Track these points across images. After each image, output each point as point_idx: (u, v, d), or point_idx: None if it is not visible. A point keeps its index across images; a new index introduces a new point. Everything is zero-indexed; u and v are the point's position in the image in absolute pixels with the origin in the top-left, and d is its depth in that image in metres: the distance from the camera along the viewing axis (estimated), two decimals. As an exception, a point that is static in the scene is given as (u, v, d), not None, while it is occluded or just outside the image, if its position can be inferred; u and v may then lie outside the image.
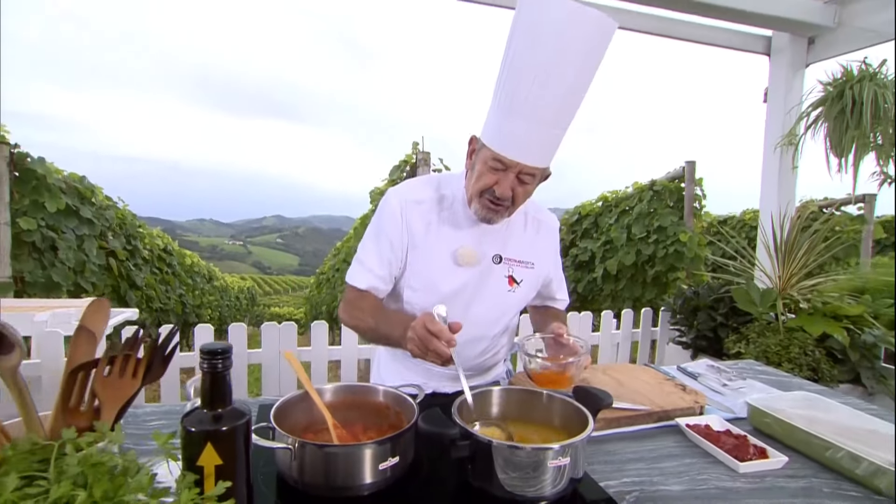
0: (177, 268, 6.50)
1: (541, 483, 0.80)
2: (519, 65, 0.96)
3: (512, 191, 1.09)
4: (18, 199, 3.08)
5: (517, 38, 0.97)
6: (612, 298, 5.34)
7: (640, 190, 5.01)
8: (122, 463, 0.49)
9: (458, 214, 1.20)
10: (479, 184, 1.10)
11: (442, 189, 1.22)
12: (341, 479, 0.80)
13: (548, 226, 1.32)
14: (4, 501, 0.40)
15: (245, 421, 0.53)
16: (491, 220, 1.16)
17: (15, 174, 3.13)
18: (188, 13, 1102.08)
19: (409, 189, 1.20)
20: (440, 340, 0.94)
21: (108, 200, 4.31)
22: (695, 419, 1.10)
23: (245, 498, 0.54)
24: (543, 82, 0.95)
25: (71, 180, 3.57)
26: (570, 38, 0.93)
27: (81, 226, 3.53)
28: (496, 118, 1.03)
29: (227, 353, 0.53)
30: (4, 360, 0.49)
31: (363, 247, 1.22)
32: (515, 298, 1.27)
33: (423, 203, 1.18)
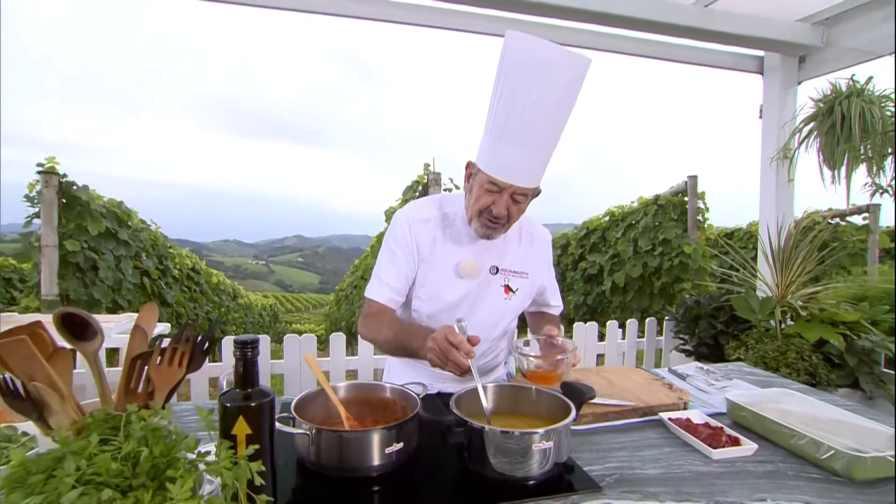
0: (204, 286, 6.71)
1: (528, 465, 0.88)
2: (508, 99, 1.07)
3: (507, 209, 1.19)
4: (65, 224, 3.29)
5: (505, 75, 1.08)
6: (620, 310, 5.36)
7: (645, 204, 5.07)
8: (173, 431, 0.60)
9: (459, 231, 1.31)
10: (478, 204, 1.20)
11: (445, 208, 1.33)
12: (352, 461, 0.90)
13: (541, 239, 1.41)
14: (90, 454, 0.51)
15: (270, 399, 0.64)
16: (490, 237, 1.26)
17: (63, 201, 3.34)
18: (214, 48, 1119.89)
19: (415, 209, 1.31)
20: (460, 351, 1.03)
21: (142, 223, 4.53)
22: (677, 413, 1.16)
23: (270, 462, 0.64)
24: (530, 114, 1.07)
25: (110, 205, 3.80)
26: (551, 76, 1.04)
27: (119, 247, 3.74)
28: (489, 145, 1.14)
29: (256, 344, 0.63)
30: (88, 345, 0.60)
31: (379, 264, 1.32)
32: (512, 305, 1.36)
33: (428, 221, 1.29)
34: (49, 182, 3.17)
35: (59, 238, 3.17)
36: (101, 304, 3.39)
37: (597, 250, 5.97)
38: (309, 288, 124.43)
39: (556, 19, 3.01)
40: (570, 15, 2.84)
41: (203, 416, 0.62)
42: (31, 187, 3.24)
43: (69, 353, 0.60)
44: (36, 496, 0.48)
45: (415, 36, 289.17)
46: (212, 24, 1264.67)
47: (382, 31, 59.38)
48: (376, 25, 3.05)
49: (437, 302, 1.29)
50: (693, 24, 2.94)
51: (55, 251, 3.15)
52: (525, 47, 1.04)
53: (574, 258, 6.43)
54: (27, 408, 0.56)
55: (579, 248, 6.34)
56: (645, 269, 4.79)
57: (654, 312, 4.64)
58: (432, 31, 3.09)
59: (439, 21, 2.98)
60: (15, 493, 0.48)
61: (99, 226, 3.43)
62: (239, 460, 0.56)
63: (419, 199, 1.36)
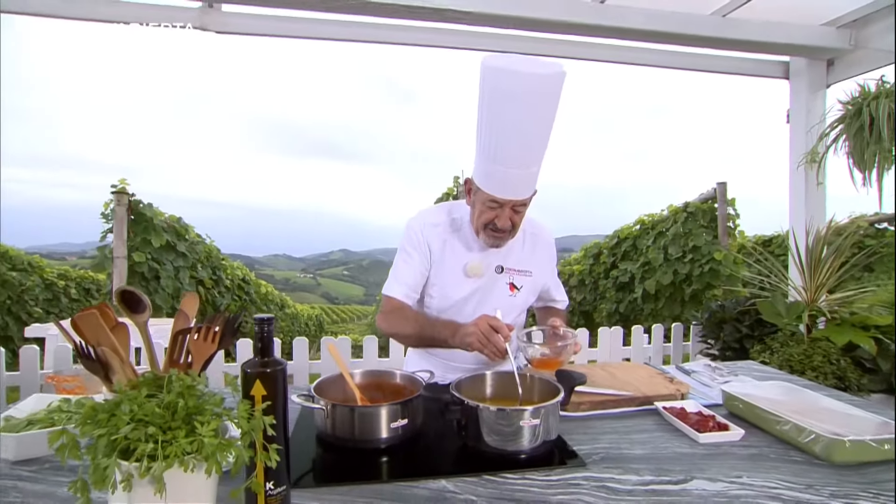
0: (253, 296, 7.07)
1: (519, 441, 0.95)
2: (494, 124, 1.16)
3: (510, 220, 1.28)
4: (132, 238, 3.62)
5: (488, 101, 1.15)
6: (652, 317, 5.25)
7: (675, 212, 4.98)
8: (205, 392, 0.72)
9: (466, 235, 1.40)
10: (482, 220, 1.30)
11: (453, 214, 1.43)
12: (362, 433, 1.00)
13: (543, 240, 1.48)
14: (140, 402, 0.64)
15: (282, 367, 0.74)
16: (498, 246, 1.35)
17: (131, 217, 3.68)
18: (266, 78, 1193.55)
19: (426, 215, 1.42)
20: (499, 336, 1.13)
21: (197, 237, 4.88)
22: (672, 403, 1.20)
23: (282, 420, 0.75)
24: (517, 135, 1.15)
25: (170, 221, 4.14)
26: (532, 94, 1.11)
27: (178, 258, 4.06)
28: (483, 166, 1.23)
29: (272, 321, 0.75)
30: (139, 316, 0.73)
31: (395, 266, 1.43)
32: (517, 301, 1.43)
33: (438, 225, 1.40)
34: (120, 200, 3.52)
35: (128, 250, 3.49)
36: (161, 310, 3.69)
37: (628, 258, 5.88)
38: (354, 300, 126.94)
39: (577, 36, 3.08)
40: (590, 31, 2.90)
41: (229, 381, 0.74)
42: (107, 206, 3.60)
43: (127, 326, 0.73)
44: (101, 428, 0.61)
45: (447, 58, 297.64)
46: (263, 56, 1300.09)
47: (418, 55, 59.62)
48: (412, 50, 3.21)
49: (447, 299, 1.39)
50: (715, 35, 2.93)
51: (125, 262, 3.47)
52: (502, 72, 1.10)
53: (606, 267, 6.35)
54: (96, 367, 0.70)
55: (611, 257, 6.26)
56: (675, 277, 4.69)
57: (686, 320, 4.53)
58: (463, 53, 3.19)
59: (469, 43, 3.09)
60: (87, 426, 0.61)
61: (161, 239, 3.75)
62: (255, 414, 0.67)
63: (430, 207, 1.47)
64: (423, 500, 0.81)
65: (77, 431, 0.61)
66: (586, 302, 6.90)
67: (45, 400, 1.04)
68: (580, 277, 7.05)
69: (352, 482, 0.86)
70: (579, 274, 7.07)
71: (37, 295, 6.03)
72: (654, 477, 0.88)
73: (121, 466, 0.60)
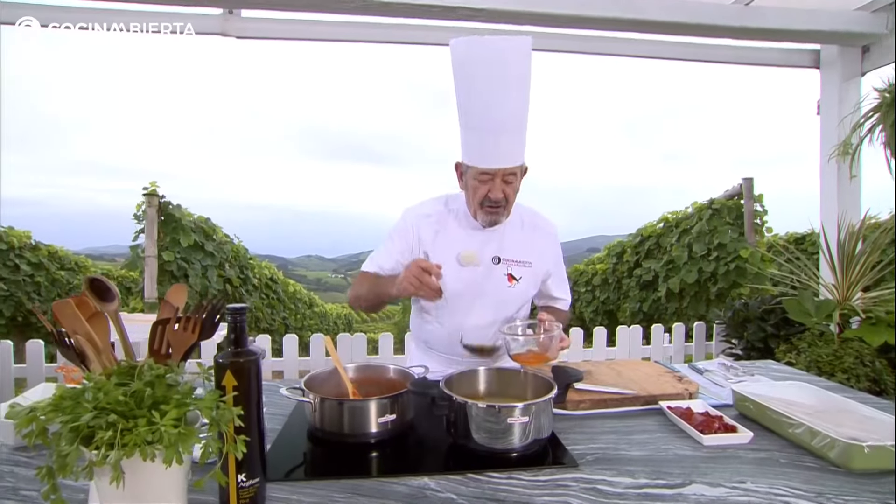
0: (281, 294, 7.21)
1: (509, 439, 0.90)
2: (469, 96, 1.17)
3: (503, 192, 1.25)
4: (162, 237, 3.73)
5: (461, 77, 1.17)
6: (677, 316, 5.06)
7: (700, 209, 4.78)
8: (178, 381, 0.71)
9: (462, 224, 1.36)
10: (476, 196, 1.27)
11: (449, 204, 1.40)
12: (350, 428, 0.97)
13: (544, 231, 1.43)
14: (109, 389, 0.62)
15: (255, 358, 0.72)
16: (495, 222, 1.32)
17: (161, 218, 3.80)
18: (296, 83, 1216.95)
19: (420, 206, 1.41)
20: (430, 275, 1.13)
21: (226, 238, 5.00)
22: (678, 402, 1.12)
23: (255, 411, 0.72)
24: (492, 101, 1.15)
25: (199, 221, 4.25)
26: (499, 63, 1.13)
27: (206, 258, 4.16)
28: (467, 139, 1.23)
29: (244, 311, 0.73)
30: (108, 305, 0.73)
31: (377, 249, 1.43)
32: (516, 293, 1.38)
33: (430, 216, 1.37)
34: (151, 202, 3.63)
35: (158, 250, 3.60)
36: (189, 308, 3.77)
37: (652, 257, 5.69)
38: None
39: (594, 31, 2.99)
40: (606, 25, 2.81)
41: (202, 371, 0.72)
42: (139, 207, 3.73)
43: (105, 316, 0.73)
44: (66, 415, 0.60)
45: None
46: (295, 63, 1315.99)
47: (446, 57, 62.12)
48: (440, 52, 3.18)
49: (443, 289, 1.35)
50: (738, 24, 2.78)
51: (155, 261, 3.58)
52: (469, 48, 1.15)
53: (629, 265, 6.17)
54: (72, 355, 0.69)
55: (634, 256, 6.07)
56: (700, 275, 4.50)
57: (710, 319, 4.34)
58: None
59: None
60: (51, 413, 0.60)
61: (189, 239, 3.86)
62: (220, 403, 0.65)
63: (428, 198, 1.43)
64: (401, 496, 0.78)
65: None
66: (609, 301, 6.73)
67: (53, 389, 1.06)
68: (603, 276, 6.87)
69: (334, 477, 0.84)
70: (602, 273, 6.89)
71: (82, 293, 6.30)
72: (650, 480, 0.82)
73: (83, 454, 0.59)
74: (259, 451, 0.74)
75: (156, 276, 3.59)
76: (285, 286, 7.90)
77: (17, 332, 5.36)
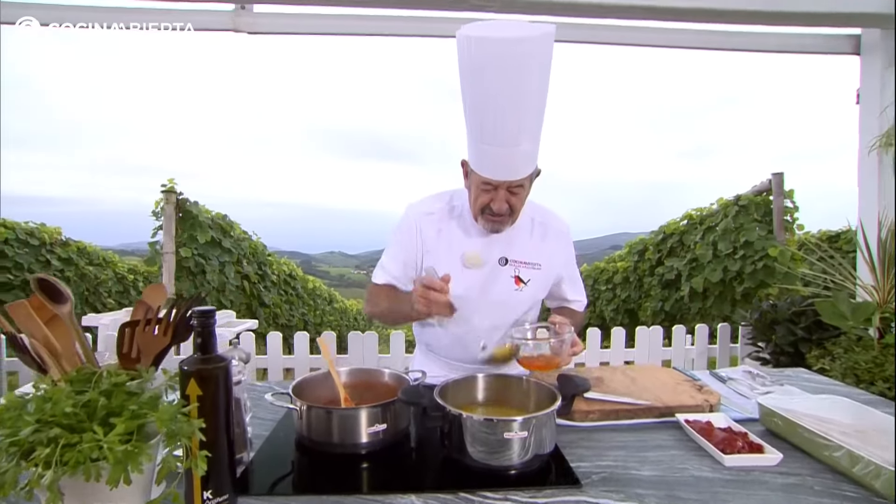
0: (300, 290, 7.25)
1: (507, 454, 0.82)
2: (479, 100, 1.02)
3: (507, 203, 1.15)
4: (180, 234, 3.76)
5: (470, 76, 1.02)
6: (700, 316, 4.86)
7: (725, 206, 4.57)
8: (144, 388, 0.65)
9: (466, 223, 1.28)
10: (478, 204, 1.18)
11: (453, 201, 1.31)
12: (338, 437, 0.90)
13: (556, 230, 1.33)
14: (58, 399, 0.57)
15: (223, 365, 0.66)
16: (498, 231, 1.22)
17: (179, 215, 3.83)
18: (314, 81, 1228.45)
19: (422, 203, 1.31)
20: (437, 291, 1.03)
21: (244, 234, 5.03)
22: (696, 415, 1.02)
23: (223, 423, 0.66)
24: (505, 111, 1.00)
25: (216, 218, 4.28)
26: (516, 63, 0.96)
27: (223, 254, 4.19)
28: (473, 146, 1.11)
29: (212, 314, 0.67)
30: (61, 307, 0.68)
31: (385, 253, 1.35)
32: (524, 296, 1.29)
33: (433, 214, 1.28)
34: (169, 199, 3.66)
35: (176, 246, 3.63)
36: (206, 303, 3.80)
37: (674, 255, 5.49)
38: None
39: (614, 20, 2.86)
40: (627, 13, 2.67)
41: (168, 377, 0.67)
42: (157, 204, 3.77)
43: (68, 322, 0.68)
44: (5, 429, 0.54)
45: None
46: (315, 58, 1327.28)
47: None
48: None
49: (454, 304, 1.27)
50: (769, 8, 2.61)
51: (173, 257, 3.61)
52: (476, 41, 0.96)
53: (651, 263, 5.97)
54: (28, 360, 0.65)
55: (656, 253, 5.87)
56: (726, 274, 4.30)
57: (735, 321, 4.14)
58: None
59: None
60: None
61: (206, 235, 3.88)
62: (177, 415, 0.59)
63: (428, 195, 1.35)
64: (384, 518, 0.71)
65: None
66: (631, 300, 6.54)
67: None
68: (624, 274, 6.68)
69: (319, 493, 0.77)
70: (623, 271, 6.70)
71: (110, 288, 6.48)
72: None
73: (24, 472, 0.53)
74: (228, 466, 0.68)
75: (174, 271, 3.62)
76: (304, 282, 7.95)
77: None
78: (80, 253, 6.08)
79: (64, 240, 5.80)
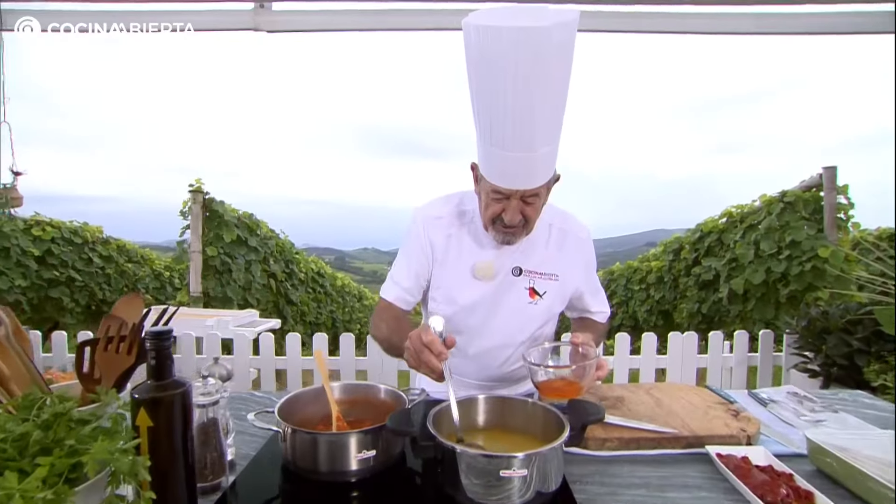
0: (328, 288, 7.31)
1: (504, 493, 0.72)
2: (488, 99, 0.90)
3: (521, 213, 1.04)
4: (206, 233, 3.82)
5: (477, 72, 0.90)
6: (740, 320, 4.57)
7: (769, 203, 4.26)
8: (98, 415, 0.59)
9: (477, 230, 1.17)
10: (488, 213, 1.06)
11: (464, 205, 1.20)
12: (324, 464, 0.83)
13: (575, 237, 1.21)
14: None
15: (180, 391, 0.59)
16: (510, 243, 1.11)
17: (206, 214, 3.89)
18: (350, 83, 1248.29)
19: (430, 207, 1.21)
20: (432, 353, 0.88)
21: (271, 233, 5.08)
22: (732, 449, 0.89)
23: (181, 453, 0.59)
24: (518, 111, 0.88)
25: (243, 217, 4.33)
26: (532, 55, 0.83)
27: (249, 252, 4.23)
28: (483, 150, 0.99)
29: (168, 335, 0.60)
30: None
31: (395, 263, 1.24)
32: (539, 310, 1.18)
33: (441, 218, 1.18)
34: (196, 199, 3.72)
35: (202, 245, 3.69)
36: (233, 302, 3.87)
37: (712, 254, 5.18)
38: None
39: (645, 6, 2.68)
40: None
41: (121, 405, 0.60)
42: (185, 204, 3.84)
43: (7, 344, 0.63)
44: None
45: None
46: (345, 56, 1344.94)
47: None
48: None
49: (451, 304, 1.17)
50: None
51: (200, 256, 3.67)
52: (491, 32, 0.83)
53: (687, 263, 5.68)
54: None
55: (693, 253, 5.57)
56: (769, 276, 4.01)
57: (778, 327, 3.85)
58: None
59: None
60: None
61: (232, 234, 3.92)
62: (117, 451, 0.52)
63: (436, 197, 1.25)
64: (357, 568, 0.62)
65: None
66: (665, 300, 6.25)
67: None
68: (658, 274, 6.39)
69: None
70: (658, 270, 6.41)
71: (147, 284, 6.73)
72: (686, 568, 0.61)
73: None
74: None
75: (200, 270, 3.68)
76: (333, 280, 8.01)
77: (91, 319, 5.78)
78: (120, 250, 6.33)
79: (105, 238, 6.06)
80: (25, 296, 4.86)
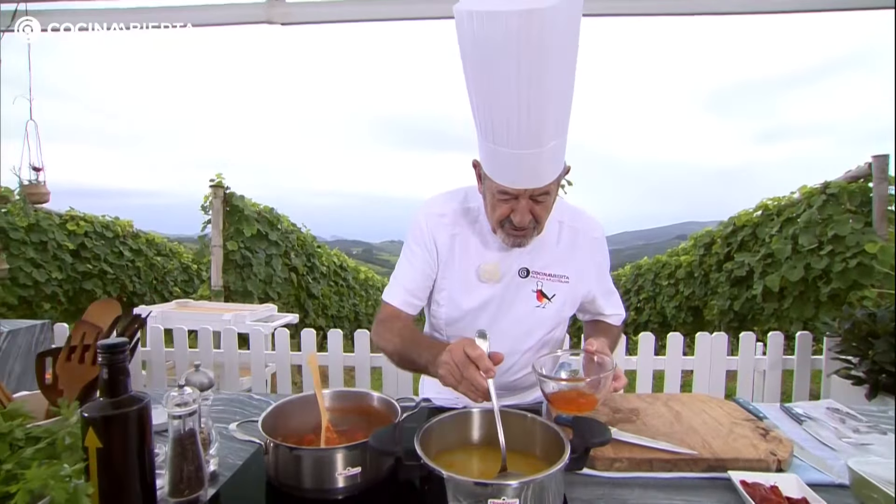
0: (350, 281, 7.34)
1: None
2: (482, 92, 0.82)
3: (531, 213, 0.95)
4: (227, 227, 3.87)
5: (470, 65, 0.82)
6: (776, 318, 4.33)
7: (809, 194, 4.00)
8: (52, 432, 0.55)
9: (484, 228, 1.09)
10: (496, 215, 0.98)
11: (469, 202, 1.13)
12: (310, 480, 0.78)
13: (587, 235, 1.11)
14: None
15: (136, 409, 0.55)
16: (521, 245, 1.03)
17: (226, 209, 3.94)
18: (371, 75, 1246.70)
19: (433, 203, 1.13)
20: (478, 369, 0.80)
21: (291, 226, 5.12)
22: (759, 476, 0.79)
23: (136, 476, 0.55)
24: (520, 105, 0.79)
25: (263, 211, 4.37)
26: (527, 44, 0.74)
27: (270, 247, 4.27)
28: (485, 148, 0.90)
29: (123, 348, 0.55)
30: None
31: (398, 264, 1.18)
32: (547, 314, 1.10)
33: (445, 216, 1.10)
34: (217, 193, 3.76)
35: (223, 239, 3.73)
36: (253, 296, 3.91)
37: (746, 249, 4.93)
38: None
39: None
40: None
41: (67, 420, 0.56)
42: (206, 198, 3.89)
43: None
44: None
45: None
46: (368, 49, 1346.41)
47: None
48: None
49: (456, 308, 1.10)
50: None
51: (220, 250, 3.71)
52: (486, 18, 0.74)
53: (719, 258, 5.42)
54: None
55: (725, 247, 5.31)
56: (808, 272, 3.77)
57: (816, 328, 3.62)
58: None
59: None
60: None
61: (252, 228, 3.96)
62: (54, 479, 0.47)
63: (439, 193, 1.17)
64: None
65: None
66: (695, 297, 6.00)
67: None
68: (688, 269, 6.14)
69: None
70: (687, 265, 6.16)
71: (175, 276, 6.93)
72: None
73: None
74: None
75: (221, 265, 3.73)
76: (356, 273, 8.05)
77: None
78: (149, 244, 6.52)
79: (135, 232, 6.25)
80: (62, 287, 5.06)
